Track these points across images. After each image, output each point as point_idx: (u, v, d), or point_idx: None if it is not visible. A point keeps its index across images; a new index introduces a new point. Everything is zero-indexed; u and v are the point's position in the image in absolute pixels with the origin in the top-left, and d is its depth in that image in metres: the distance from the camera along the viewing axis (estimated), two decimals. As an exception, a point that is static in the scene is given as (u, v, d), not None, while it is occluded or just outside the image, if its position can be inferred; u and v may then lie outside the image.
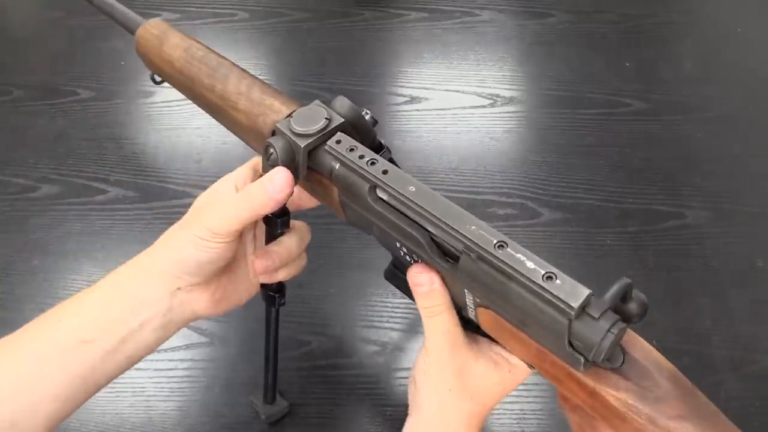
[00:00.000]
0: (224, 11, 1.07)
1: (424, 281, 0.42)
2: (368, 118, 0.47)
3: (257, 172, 0.50)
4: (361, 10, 1.07)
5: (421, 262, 0.42)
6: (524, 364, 0.42)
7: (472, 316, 0.42)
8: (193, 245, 0.45)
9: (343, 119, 0.45)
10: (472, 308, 0.42)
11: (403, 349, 0.69)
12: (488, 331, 0.42)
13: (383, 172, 0.42)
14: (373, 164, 0.42)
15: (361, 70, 0.98)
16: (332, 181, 0.45)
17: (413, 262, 0.43)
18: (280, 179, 0.44)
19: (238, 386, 0.66)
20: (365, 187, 0.42)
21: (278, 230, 0.50)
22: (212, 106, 0.54)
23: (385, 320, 0.71)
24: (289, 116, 0.46)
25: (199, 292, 0.48)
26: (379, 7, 1.08)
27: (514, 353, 0.42)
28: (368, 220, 0.44)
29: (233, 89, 0.52)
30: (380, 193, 0.42)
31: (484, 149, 0.88)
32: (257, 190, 0.45)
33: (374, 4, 1.08)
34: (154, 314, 0.46)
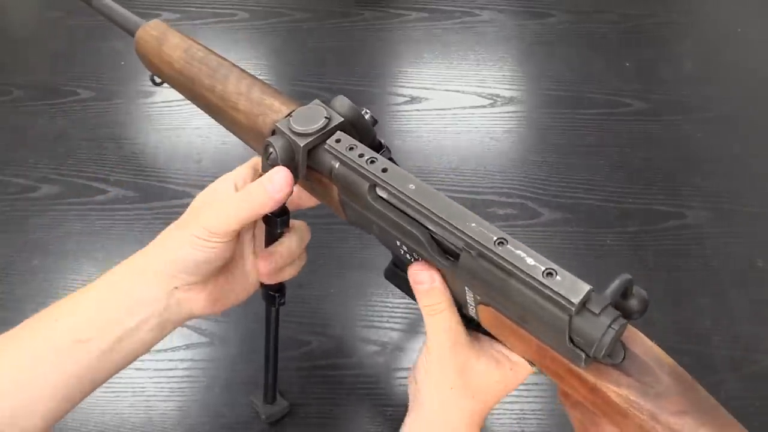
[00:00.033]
0: (224, 11, 1.07)
1: (425, 279, 0.42)
2: (368, 117, 0.47)
3: (257, 171, 0.50)
4: (361, 10, 1.07)
5: (421, 260, 0.42)
6: (525, 361, 0.42)
7: (472, 313, 0.42)
8: (190, 245, 0.45)
9: (342, 118, 0.45)
10: (472, 306, 0.42)
11: (403, 349, 0.69)
12: (489, 328, 0.42)
13: (383, 170, 0.42)
14: (372, 162, 0.42)
15: (361, 70, 0.98)
16: (332, 180, 0.45)
17: (413, 260, 0.43)
18: (279, 179, 0.44)
19: (238, 386, 0.66)
20: (365, 185, 0.42)
21: (278, 229, 0.49)
22: (212, 106, 0.54)
23: (385, 320, 0.71)
24: (288, 116, 0.46)
25: (196, 291, 0.48)
26: (379, 7, 1.08)
27: (514, 350, 0.42)
28: (368, 218, 0.44)
29: (233, 89, 0.52)
30: (380, 191, 0.42)
31: (484, 149, 0.88)
32: (257, 189, 0.45)
33: (374, 4, 1.08)
34: (150, 314, 0.46)
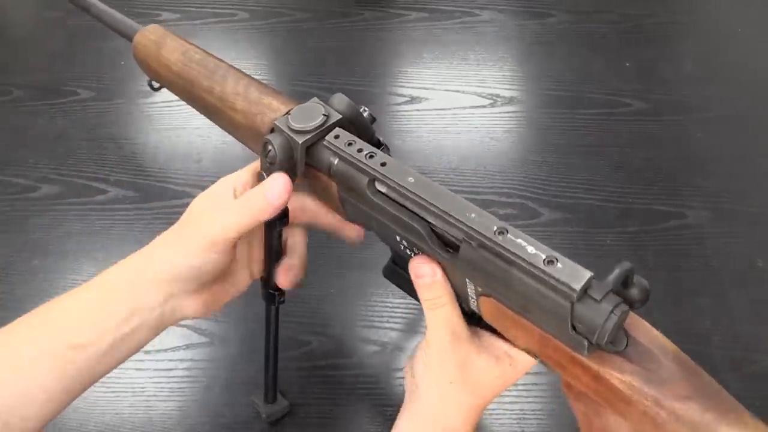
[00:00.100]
0: (224, 11, 1.07)
1: (426, 272, 0.42)
2: (366, 115, 0.47)
3: (257, 176, 0.50)
4: (361, 10, 1.07)
5: (422, 254, 0.42)
6: (526, 356, 0.42)
7: (474, 306, 0.42)
8: (189, 254, 0.45)
9: (340, 115, 0.45)
10: (473, 298, 0.41)
11: (403, 349, 0.69)
12: (490, 320, 0.42)
13: (382, 164, 0.42)
14: (371, 157, 0.42)
15: (361, 70, 0.98)
16: (331, 176, 0.45)
17: (413, 255, 0.43)
18: (278, 185, 0.44)
19: (238, 386, 0.66)
20: (364, 180, 0.42)
21: (277, 229, 0.50)
22: (210, 107, 0.54)
23: (385, 320, 0.71)
24: (287, 114, 0.46)
25: (192, 299, 0.48)
26: (379, 7, 1.08)
27: (517, 342, 0.42)
28: (368, 214, 0.44)
29: (231, 90, 0.52)
30: (379, 185, 0.42)
31: (484, 149, 0.88)
32: (256, 196, 0.45)
33: (374, 4, 1.08)
34: (146, 320, 0.46)
